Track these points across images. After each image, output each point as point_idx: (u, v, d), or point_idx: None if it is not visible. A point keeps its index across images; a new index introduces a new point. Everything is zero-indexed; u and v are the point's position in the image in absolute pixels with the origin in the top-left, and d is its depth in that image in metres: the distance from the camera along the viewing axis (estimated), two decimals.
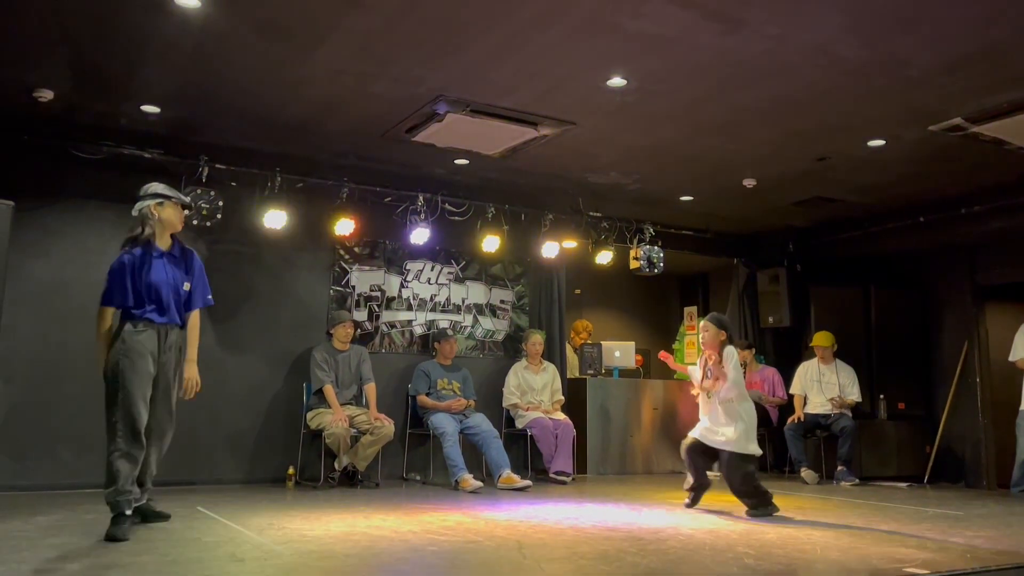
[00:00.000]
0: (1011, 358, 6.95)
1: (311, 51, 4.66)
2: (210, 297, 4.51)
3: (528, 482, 6.50)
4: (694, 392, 5.62)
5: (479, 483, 6.30)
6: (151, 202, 4.28)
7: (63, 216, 6.18)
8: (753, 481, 5.23)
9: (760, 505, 5.17)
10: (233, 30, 4.41)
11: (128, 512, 3.96)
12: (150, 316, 4.14)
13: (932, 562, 3.52)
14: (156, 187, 4.36)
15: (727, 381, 5.25)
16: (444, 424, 6.64)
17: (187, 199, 4.67)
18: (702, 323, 5.62)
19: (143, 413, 4.04)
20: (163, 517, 4.38)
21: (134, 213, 4.31)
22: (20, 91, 5.21)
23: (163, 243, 4.30)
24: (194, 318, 4.42)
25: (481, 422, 6.83)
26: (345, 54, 4.70)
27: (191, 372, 4.34)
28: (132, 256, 4.19)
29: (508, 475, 6.48)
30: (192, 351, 4.36)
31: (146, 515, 4.29)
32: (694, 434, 5.48)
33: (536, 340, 7.57)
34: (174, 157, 6.24)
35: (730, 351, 5.35)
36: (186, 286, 4.32)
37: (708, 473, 5.58)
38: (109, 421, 4.01)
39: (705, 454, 5.45)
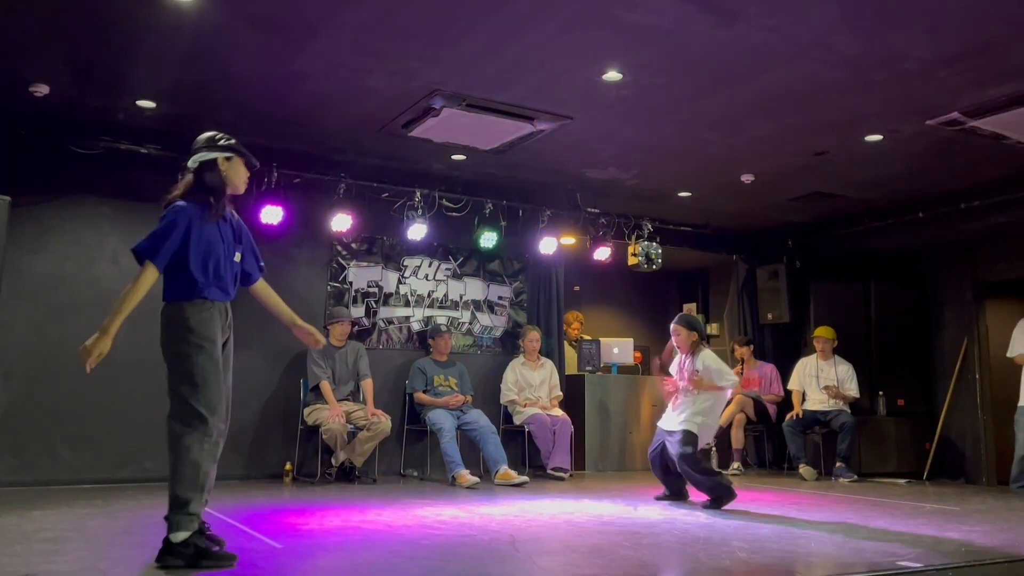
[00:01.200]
0: (1009, 354, 6.95)
1: (306, 45, 4.66)
2: (263, 263, 3.84)
3: (525, 478, 6.49)
4: (669, 391, 5.63)
5: (476, 479, 6.29)
6: (219, 155, 3.47)
7: (60, 212, 6.18)
8: (699, 464, 5.28)
9: (717, 498, 5.20)
10: (228, 24, 4.40)
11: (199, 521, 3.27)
12: (213, 294, 3.39)
13: (927, 556, 3.51)
14: (223, 138, 3.53)
15: (699, 376, 5.38)
16: (441, 420, 6.64)
17: (255, 161, 3.67)
18: (672, 327, 5.67)
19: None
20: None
21: (191, 165, 3.50)
22: (16, 86, 5.20)
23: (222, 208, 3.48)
24: (265, 287, 3.83)
25: (479, 418, 6.83)
26: (340, 48, 4.69)
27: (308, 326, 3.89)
28: (196, 211, 3.37)
29: (505, 471, 6.47)
30: (283, 310, 3.83)
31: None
32: (654, 447, 5.61)
33: (533, 336, 7.56)
34: (171, 152, 6.21)
35: (706, 353, 5.48)
36: (237, 257, 3.57)
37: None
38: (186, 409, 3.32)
39: (668, 465, 5.51)
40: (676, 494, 5.56)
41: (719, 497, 5.19)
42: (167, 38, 4.56)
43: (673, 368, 5.72)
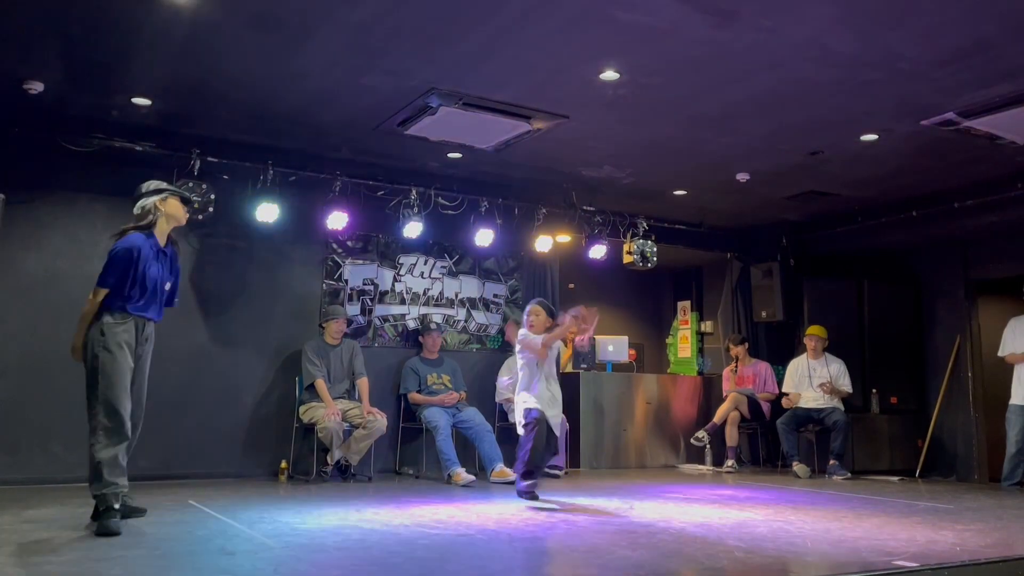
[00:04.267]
0: (1000, 353, 7.00)
1: (302, 43, 4.65)
2: (177, 300, 4.52)
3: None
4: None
5: (471, 476, 6.30)
6: (155, 198, 4.24)
7: (54, 209, 6.16)
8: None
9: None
10: (224, 22, 4.39)
11: (117, 505, 3.93)
12: (134, 310, 4.11)
13: (921, 555, 3.53)
14: (155, 183, 4.32)
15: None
16: (437, 418, 6.64)
17: (190, 195, 4.68)
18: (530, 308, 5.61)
19: (127, 405, 4.02)
20: (140, 512, 4.25)
21: (136, 211, 4.24)
22: (10, 83, 5.18)
23: (162, 239, 4.27)
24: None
25: (474, 415, 6.83)
26: (337, 46, 4.68)
27: None
28: (142, 244, 4.12)
29: (501, 468, 6.49)
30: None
31: (124, 511, 4.14)
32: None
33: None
34: (166, 150, 6.22)
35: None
36: (167, 286, 4.32)
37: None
38: (91, 413, 3.99)
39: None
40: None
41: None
42: (162, 35, 4.54)
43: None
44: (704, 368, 9.43)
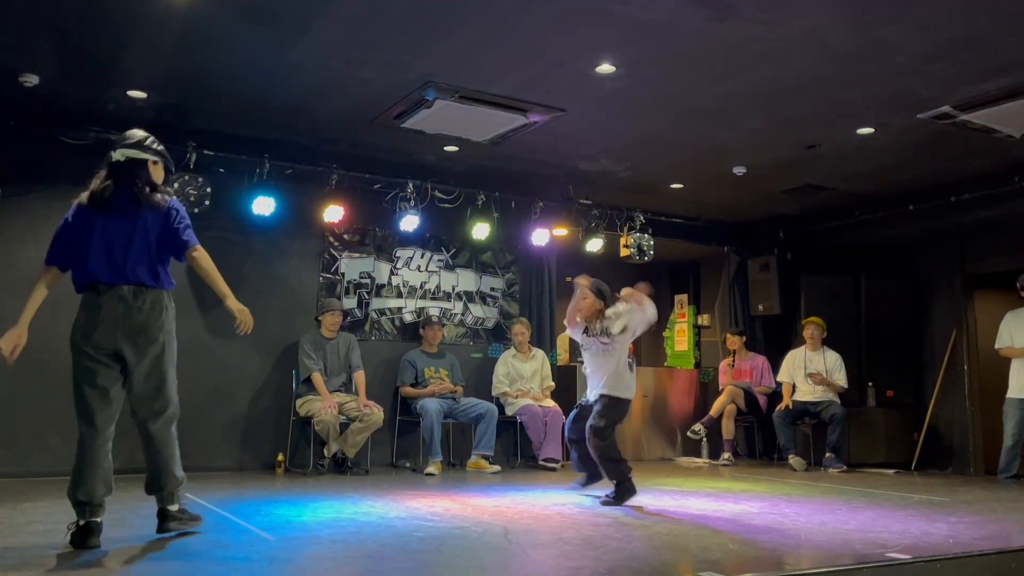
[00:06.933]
0: (996, 346, 7.01)
1: (298, 36, 4.64)
2: None
3: (497, 468, 6.78)
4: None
5: (436, 472, 6.47)
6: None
7: (51, 202, 6.13)
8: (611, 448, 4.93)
9: (619, 493, 4.88)
10: (220, 15, 4.39)
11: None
12: None
13: (915, 547, 3.54)
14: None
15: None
16: (428, 406, 6.71)
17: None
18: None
19: None
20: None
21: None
22: (5, 76, 5.17)
23: None
24: None
25: (480, 401, 6.99)
26: (333, 40, 4.68)
27: None
28: None
29: (478, 461, 6.77)
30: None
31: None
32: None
33: (518, 330, 7.58)
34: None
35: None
36: None
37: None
38: (174, 401, 3.69)
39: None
40: (593, 476, 5.21)
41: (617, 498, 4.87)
42: (158, 28, 4.53)
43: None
44: (706, 379, 9.36)
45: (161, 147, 3.84)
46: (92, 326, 3.58)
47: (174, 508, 3.63)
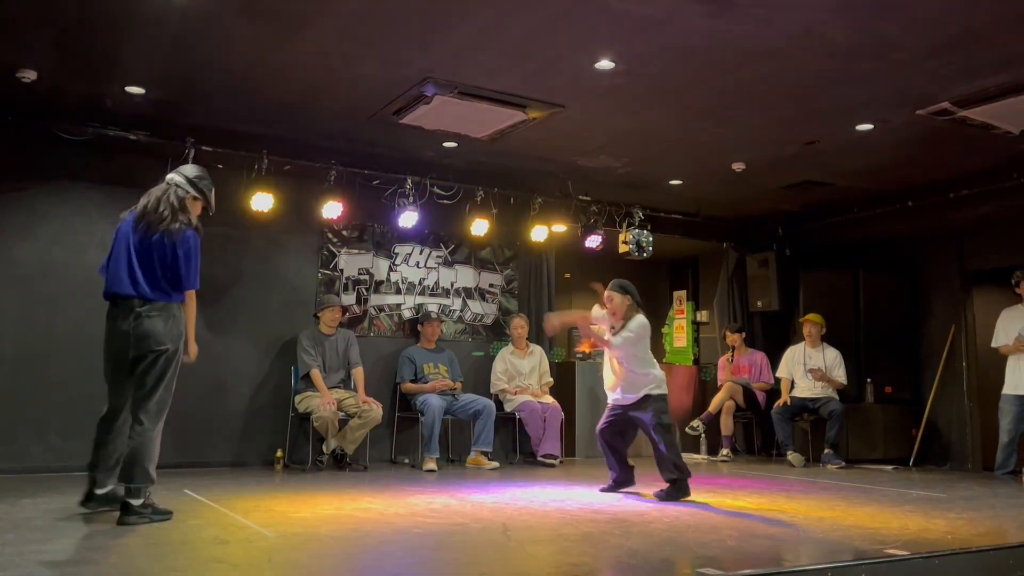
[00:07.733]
0: (993, 344, 7.02)
1: (297, 32, 4.63)
2: None
3: (496, 464, 6.82)
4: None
5: (433, 468, 6.46)
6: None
7: (49, 198, 6.14)
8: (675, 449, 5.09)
9: (676, 487, 5.01)
10: (218, 10, 4.37)
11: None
12: None
13: (913, 543, 3.55)
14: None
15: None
16: (430, 402, 6.70)
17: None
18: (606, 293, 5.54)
19: None
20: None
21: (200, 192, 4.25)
22: (3, 71, 5.15)
23: None
24: None
25: (479, 398, 6.99)
26: (331, 35, 4.66)
27: None
28: None
29: (478, 457, 6.75)
30: None
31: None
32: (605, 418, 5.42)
33: (518, 323, 7.58)
34: (160, 139, 6.20)
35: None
36: None
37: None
38: (167, 402, 4.02)
39: (621, 433, 5.37)
40: (626, 481, 5.37)
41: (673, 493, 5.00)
42: (157, 24, 4.52)
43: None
44: (707, 378, 9.35)
45: (210, 189, 4.28)
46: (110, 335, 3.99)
47: (137, 503, 3.81)
